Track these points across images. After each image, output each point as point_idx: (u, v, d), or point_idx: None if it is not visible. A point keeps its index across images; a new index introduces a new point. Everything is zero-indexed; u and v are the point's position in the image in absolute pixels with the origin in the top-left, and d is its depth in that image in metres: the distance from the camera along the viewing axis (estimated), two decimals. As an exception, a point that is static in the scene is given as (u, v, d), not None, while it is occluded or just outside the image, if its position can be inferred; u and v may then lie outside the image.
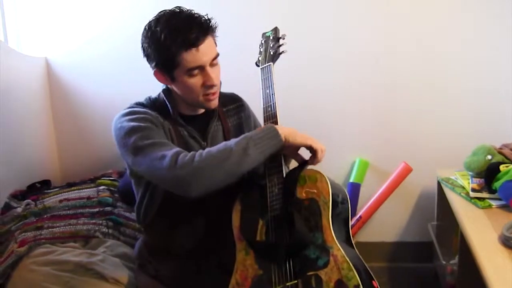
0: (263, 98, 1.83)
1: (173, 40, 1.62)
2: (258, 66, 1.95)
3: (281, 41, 1.96)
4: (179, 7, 1.71)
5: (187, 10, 1.71)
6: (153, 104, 1.82)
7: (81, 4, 2.91)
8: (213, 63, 1.71)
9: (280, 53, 1.93)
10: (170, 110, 1.78)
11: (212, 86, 1.71)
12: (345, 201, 1.70)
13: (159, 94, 1.84)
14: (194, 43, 1.63)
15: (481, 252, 1.78)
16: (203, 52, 1.65)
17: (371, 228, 3.04)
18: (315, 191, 1.66)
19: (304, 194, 1.67)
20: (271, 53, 1.94)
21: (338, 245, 1.55)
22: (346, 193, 1.72)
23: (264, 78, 1.87)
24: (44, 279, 1.98)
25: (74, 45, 2.95)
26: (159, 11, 1.71)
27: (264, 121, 1.79)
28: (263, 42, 2.02)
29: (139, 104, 1.82)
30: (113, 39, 2.92)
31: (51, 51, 2.97)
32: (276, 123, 1.74)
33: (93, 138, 3.00)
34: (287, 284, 1.56)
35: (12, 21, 2.89)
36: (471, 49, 2.78)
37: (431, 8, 2.76)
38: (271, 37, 2.00)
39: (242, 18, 2.87)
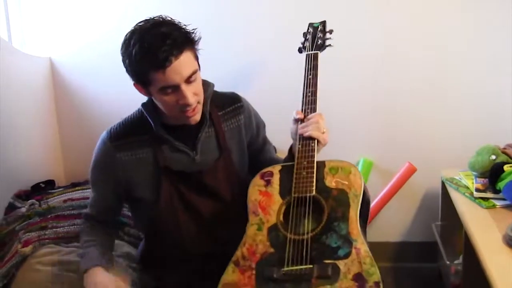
0: (305, 83, 1.86)
1: (142, 58, 1.56)
2: (301, 52, 1.98)
3: (328, 35, 2.01)
4: (161, 17, 1.64)
5: (167, 21, 1.63)
6: (139, 118, 1.80)
7: (86, 4, 2.91)
8: (189, 80, 1.62)
9: (328, 46, 1.98)
10: (153, 126, 1.75)
11: (187, 105, 1.65)
12: (369, 204, 1.70)
13: None
14: (162, 64, 1.55)
15: (485, 252, 1.78)
16: (174, 71, 1.57)
17: (375, 228, 3.04)
18: (347, 182, 1.66)
19: (334, 184, 1.67)
20: (319, 42, 1.97)
21: (363, 239, 1.55)
22: (369, 197, 1.72)
23: (308, 64, 1.91)
24: (48, 279, 1.98)
25: (79, 45, 2.96)
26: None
27: (302, 105, 1.82)
28: (310, 30, 2.05)
29: (121, 125, 1.81)
30: (117, 40, 2.86)
31: (55, 51, 2.98)
32: (315, 109, 1.80)
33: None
34: (301, 267, 1.53)
35: (16, 21, 2.89)
36: (474, 49, 2.77)
37: (433, 9, 2.76)
38: (319, 28, 2.04)
39: (245, 18, 2.87)
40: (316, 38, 1.99)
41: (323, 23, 2.07)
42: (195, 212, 1.79)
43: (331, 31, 2.02)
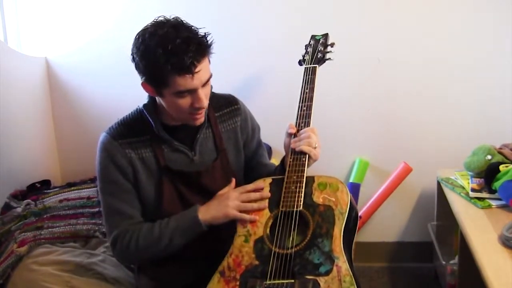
0: (301, 96, 1.86)
1: (167, 61, 1.55)
2: (301, 65, 1.97)
3: (329, 48, 2.00)
4: (177, 19, 1.63)
5: (185, 24, 1.63)
6: (138, 118, 1.79)
7: (82, 4, 2.91)
8: (205, 84, 1.65)
9: (327, 59, 1.98)
10: (153, 126, 1.75)
11: (201, 108, 1.67)
12: (357, 219, 1.70)
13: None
14: (189, 69, 1.56)
15: (481, 252, 1.79)
16: (197, 77, 1.59)
17: (371, 228, 3.05)
18: (334, 199, 1.66)
19: (321, 200, 1.67)
20: (319, 56, 1.97)
21: (345, 257, 1.55)
22: (358, 212, 1.72)
23: (306, 78, 1.91)
24: (44, 279, 1.98)
25: (74, 46, 2.95)
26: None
27: (297, 118, 1.82)
28: (311, 43, 2.04)
29: (120, 125, 1.79)
30: (113, 40, 2.92)
31: (51, 51, 2.97)
32: (309, 123, 1.79)
33: (93, 138, 2.95)
34: (283, 281, 1.54)
35: (12, 21, 2.89)
36: (470, 49, 2.78)
37: (432, 9, 2.77)
38: (320, 41, 2.03)
39: (250, 20, 2.89)
40: (316, 51, 1.99)
41: (325, 36, 2.06)
42: None
43: (332, 44, 2.02)
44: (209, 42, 1.63)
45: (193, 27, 1.63)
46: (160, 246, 1.72)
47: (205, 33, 1.64)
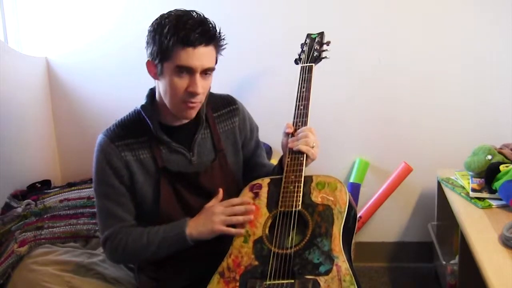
0: (297, 95, 1.85)
1: (175, 32, 1.59)
2: (297, 63, 1.98)
3: (325, 47, 2.01)
4: (194, 12, 1.68)
5: (199, 13, 1.68)
6: (136, 119, 1.79)
7: (83, 4, 2.91)
8: (205, 73, 1.66)
9: (323, 58, 1.98)
10: (151, 127, 1.75)
11: (195, 94, 1.66)
12: (356, 218, 1.70)
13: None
14: (193, 43, 1.60)
15: (481, 252, 1.79)
16: (198, 55, 1.61)
17: (371, 228, 3.05)
18: (332, 198, 1.66)
19: (319, 199, 1.67)
20: (315, 54, 1.97)
21: (344, 256, 1.55)
22: (357, 211, 1.72)
23: (302, 77, 1.90)
24: (44, 279, 1.98)
25: (75, 46, 2.95)
26: (161, 13, 1.69)
27: (294, 118, 1.81)
28: (307, 42, 2.04)
29: (118, 126, 1.79)
30: (113, 40, 2.92)
31: (51, 51, 2.97)
32: (306, 122, 1.78)
33: (93, 138, 2.95)
34: (283, 281, 1.54)
35: (12, 21, 2.89)
36: (471, 49, 2.78)
37: (432, 10, 2.77)
38: (316, 40, 2.03)
39: (244, 18, 2.88)
40: (312, 50, 1.99)
41: (321, 34, 2.06)
42: (193, 213, 1.79)
43: (328, 43, 2.02)
44: (219, 34, 1.68)
45: (208, 19, 1.68)
46: (148, 253, 1.74)
47: (219, 27, 1.69)
